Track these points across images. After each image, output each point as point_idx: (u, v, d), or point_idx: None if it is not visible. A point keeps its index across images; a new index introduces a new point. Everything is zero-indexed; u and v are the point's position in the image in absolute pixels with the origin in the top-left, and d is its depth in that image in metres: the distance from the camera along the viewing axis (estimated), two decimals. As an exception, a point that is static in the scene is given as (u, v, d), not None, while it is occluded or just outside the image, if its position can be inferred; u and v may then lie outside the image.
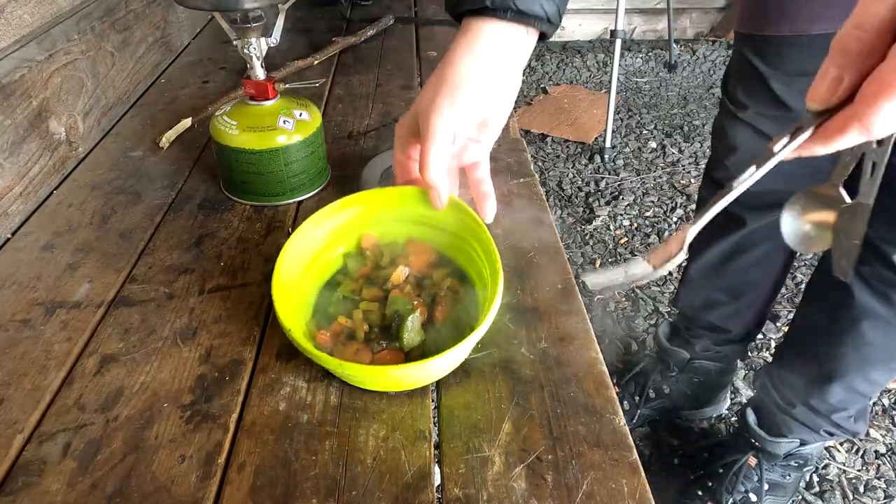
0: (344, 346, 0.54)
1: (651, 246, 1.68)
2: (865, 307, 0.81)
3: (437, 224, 0.60)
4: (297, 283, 0.57)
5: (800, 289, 1.52)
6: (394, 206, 0.60)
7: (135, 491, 0.45)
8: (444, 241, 0.61)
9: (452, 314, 0.56)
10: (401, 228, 0.62)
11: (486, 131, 0.56)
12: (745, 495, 1.05)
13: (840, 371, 0.87)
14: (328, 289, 0.61)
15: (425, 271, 0.60)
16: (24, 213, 0.77)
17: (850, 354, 0.85)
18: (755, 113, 0.83)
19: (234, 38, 0.72)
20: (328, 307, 0.58)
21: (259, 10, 0.69)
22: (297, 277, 0.57)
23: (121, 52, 1.04)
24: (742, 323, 1.10)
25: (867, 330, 0.82)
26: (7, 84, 0.75)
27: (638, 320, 1.45)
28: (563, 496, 0.45)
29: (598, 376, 0.55)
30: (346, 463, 0.47)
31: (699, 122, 2.27)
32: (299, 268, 0.57)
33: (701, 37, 2.98)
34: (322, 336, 0.54)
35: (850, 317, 0.82)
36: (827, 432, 0.95)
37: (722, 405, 1.25)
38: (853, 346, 0.84)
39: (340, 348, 0.54)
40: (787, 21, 0.75)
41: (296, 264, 0.57)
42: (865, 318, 0.81)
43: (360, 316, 0.56)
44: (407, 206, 0.59)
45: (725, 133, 0.89)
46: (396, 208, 0.60)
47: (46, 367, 0.55)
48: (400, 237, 0.62)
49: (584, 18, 2.95)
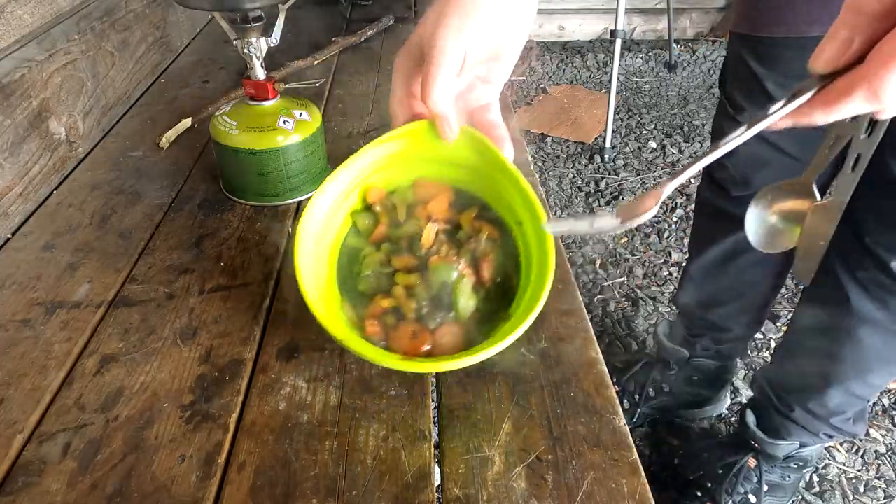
0: (396, 330, 0.49)
1: (651, 246, 1.68)
2: (863, 313, 0.80)
3: (451, 160, 0.52)
4: (318, 273, 0.50)
5: (800, 289, 1.52)
6: (396, 150, 0.52)
7: (135, 491, 0.45)
8: (461, 176, 0.53)
9: (497, 265, 0.51)
10: (408, 172, 0.54)
11: (496, 67, 0.50)
12: (745, 496, 1.04)
13: (838, 376, 0.87)
14: (346, 259, 0.54)
15: (451, 216, 0.53)
16: (24, 213, 0.77)
17: (848, 360, 0.85)
18: (750, 112, 0.83)
19: (234, 38, 0.72)
20: (356, 285, 0.52)
21: (259, 10, 0.69)
22: (315, 269, 0.50)
23: (121, 52, 1.04)
24: (742, 322, 1.10)
25: (865, 336, 0.81)
26: (7, 84, 0.75)
27: (638, 320, 1.45)
28: (563, 496, 0.45)
29: (598, 376, 0.55)
30: (346, 463, 0.47)
31: (699, 122, 2.27)
32: (315, 259, 0.51)
33: (701, 37, 2.98)
34: (372, 326, 0.49)
35: (847, 322, 0.82)
36: (826, 434, 0.95)
37: (722, 404, 1.25)
38: (851, 351, 0.84)
39: (393, 334, 0.49)
40: (784, 22, 0.75)
41: (310, 255, 0.50)
42: (863, 324, 0.81)
43: (402, 293, 0.50)
44: (411, 147, 0.52)
45: (724, 134, 0.89)
46: (399, 152, 0.52)
47: (46, 367, 0.55)
48: (407, 180, 0.55)
49: (584, 18, 2.95)
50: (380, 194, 0.54)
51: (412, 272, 0.51)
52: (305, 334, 0.59)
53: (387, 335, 0.49)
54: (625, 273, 1.59)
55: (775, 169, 0.86)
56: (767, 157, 0.85)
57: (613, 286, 1.55)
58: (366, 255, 0.53)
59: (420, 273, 0.51)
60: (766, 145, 0.84)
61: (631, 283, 1.56)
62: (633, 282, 1.57)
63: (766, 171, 0.87)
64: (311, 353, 0.57)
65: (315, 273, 0.49)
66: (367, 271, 0.52)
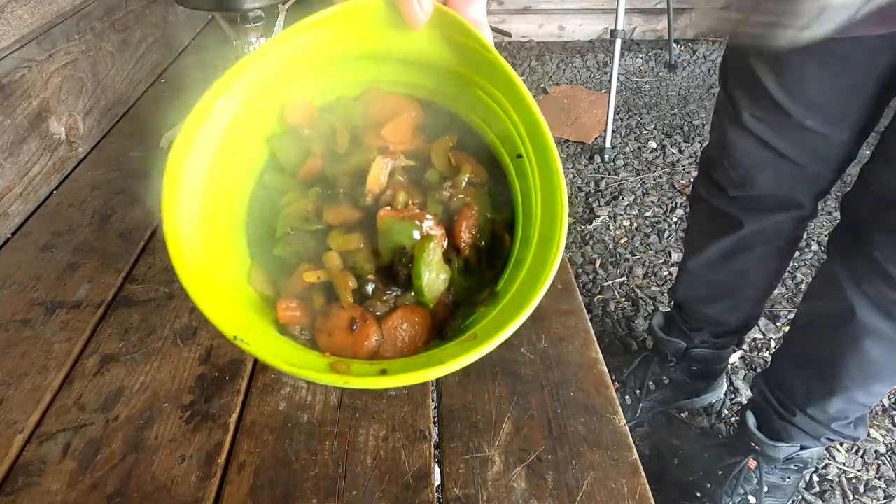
0: (326, 317, 0.34)
1: (651, 246, 1.68)
2: (868, 325, 0.80)
3: (416, 58, 0.35)
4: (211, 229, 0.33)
5: (800, 289, 1.52)
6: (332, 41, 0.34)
7: (135, 491, 0.45)
8: (432, 84, 0.36)
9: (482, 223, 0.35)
10: (352, 76, 0.37)
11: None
12: (744, 497, 1.04)
13: (842, 386, 0.86)
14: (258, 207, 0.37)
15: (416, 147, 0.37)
16: (24, 213, 0.77)
17: (852, 370, 0.84)
18: (753, 117, 0.83)
19: (234, 38, 0.72)
20: (271, 247, 0.36)
21: (259, 10, 0.69)
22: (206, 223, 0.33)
23: (121, 52, 1.04)
24: (740, 316, 1.10)
25: (870, 347, 0.81)
26: (7, 84, 0.75)
27: (638, 320, 1.45)
28: (563, 496, 0.45)
29: (598, 376, 0.55)
30: (346, 463, 0.47)
31: (699, 122, 2.27)
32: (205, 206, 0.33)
33: (701, 37, 2.97)
34: (285, 311, 0.33)
35: (852, 334, 0.82)
36: (827, 438, 0.95)
37: (720, 390, 1.25)
38: (856, 362, 0.83)
39: (322, 323, 0.34)
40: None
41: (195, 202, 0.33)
42: (868, 336, 0.81)
43: (336, 262, 0.34)
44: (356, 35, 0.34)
45: (725, 134, 0.89)
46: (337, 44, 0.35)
47: (46, 367, 0.55)
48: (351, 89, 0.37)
49: (584, 18, 2.95)
50: (309, 111, 0.37)
51: (353, 231, 0.35)
52: (305, 334, 0.59)
53: (312, 324, 0.34)
54: (625, 273, 1.59)
55: (776, 172, 0.86)
56: (767, 160, 0.85)
57: (613, 286, 1.55)
58: (287, 202, 0.36)
59: (364, 232, 0.34)
60: (766, 148, 0.84)
61: (631, 283, 1.56)
62: (633, 282, 1.57)
63: (765, 173, 0.87)
64: (311, 353, 0.57)
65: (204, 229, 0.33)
66: (287, 227, 0.35)
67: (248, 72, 0.34)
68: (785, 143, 0.82)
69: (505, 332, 0.28)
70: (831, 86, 0.75)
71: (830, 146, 0.81)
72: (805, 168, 0.84)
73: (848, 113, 0.77)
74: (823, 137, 0.79)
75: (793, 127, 0.80)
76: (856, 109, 0.76)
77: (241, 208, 0.37)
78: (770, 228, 0.93)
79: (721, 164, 0.92)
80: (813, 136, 0.79)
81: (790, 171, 0.84)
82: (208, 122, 0.34)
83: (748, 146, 0.85)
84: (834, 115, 0.77)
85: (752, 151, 0.85)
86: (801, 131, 0.79)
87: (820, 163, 0.83)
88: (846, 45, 0.70)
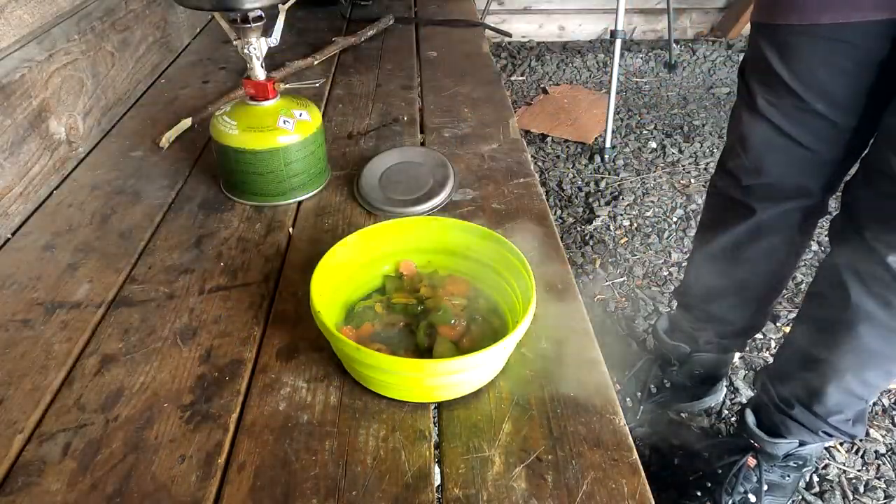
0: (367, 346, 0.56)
1: (651, 246, 1.68)
2: (863, 310, 0.80)
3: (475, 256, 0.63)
4: (334, 289, 0.59)
5: (800, 289, 1.52)
6: (434, 235, 0.64)
7: (135, 491, 0.45)
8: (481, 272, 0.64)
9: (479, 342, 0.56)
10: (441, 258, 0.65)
11: None
12: (745, 496, 1.04)
13: (836, 373, 0.87)
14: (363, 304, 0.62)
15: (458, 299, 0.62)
16: (24, 213, 0.77)
17: (846, 357, 0.85)
18: (767, 103, 0.84)
19: (234, 38, 0.72)
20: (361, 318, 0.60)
21: (259, 10, 0.69)
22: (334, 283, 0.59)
23: (121, 52, 1.04)
24: (745, 315, 1.10)
25: (864, 332, 0.82)
26: (7, 84, 0.75)
27: (638, 320, 1.45)
28: (563, 496, 0.45)
29: (598, 376, 0.55)
30: (346, 463, 0.47)
31: (699, 122, 2.27)
32: (338, 274, 0.60)
33: (701, 37, 2.97)
34: (347, 330, 0.57)
35: (847, 319, 0.82)
36: (825, 433, 0.95)
37: (720, 393, 1.25)
38: (850, 348, 0.84)
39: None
40: (797, 10, 0.76)
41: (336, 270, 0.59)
42: (863, 322, 0.81)
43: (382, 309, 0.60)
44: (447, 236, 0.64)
45: (741, 121, 0.90)
46: (436, 236, 0.64)
47: (46, 367, 0.55)
48: (440, 268, 0.65)
49: (584, 18, 2.95)
50: (411, 268, 0.65)
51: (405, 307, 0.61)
52: (305, 334, 0.59)
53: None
54: (625, 273, 1.59)
55: (787, 159, 0.87)
56: (779, 146, 0.86)
57: (613, 286, 1.55)
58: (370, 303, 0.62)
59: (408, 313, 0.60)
60: (779, 134, 0.85)
61: (631, 283, 1.56)
62: (633, 282, 1.57)
63: (777, 159, 0.88)
64: (310, 353, 0.57)
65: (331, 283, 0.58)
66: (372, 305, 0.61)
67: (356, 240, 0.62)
68: (797, 129, 0.83)
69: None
70: (839, 71, 0.77)
71: (840, 132, 0.82)
72: (816, 154, 0.85)
73: (855, 99, 0.78)
74: (833, 123, 0.81)
75: (805, 112, 0.81)
76: (863, 96, 0.78)
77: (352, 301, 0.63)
78: (780, 217, 0.94)
79: (736, 153, 0.93)
80: (823, 121, 0.81)
81: (801, 157, 0.86)
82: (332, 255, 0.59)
83: (762, 131, 0.87)
84: (842, 100, 0.79)
85: (766, 137, 0.86)
86: (812, 116, 0.81)
87: (830, 149, 0.84)
88: (851, 31, 0.71)
